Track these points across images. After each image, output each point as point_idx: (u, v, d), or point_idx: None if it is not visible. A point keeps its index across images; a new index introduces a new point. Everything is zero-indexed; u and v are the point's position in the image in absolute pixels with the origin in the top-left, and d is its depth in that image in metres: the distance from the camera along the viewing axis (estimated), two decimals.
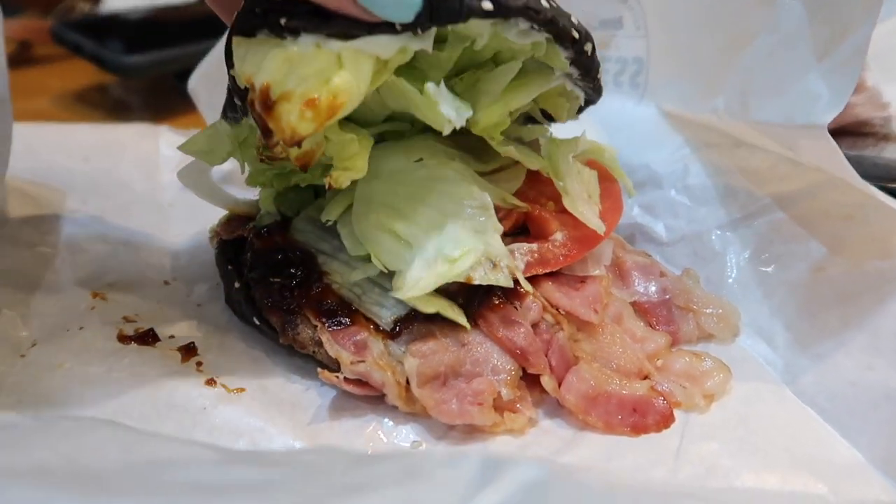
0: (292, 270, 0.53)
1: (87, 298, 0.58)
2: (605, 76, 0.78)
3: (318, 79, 0.42)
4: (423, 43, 0.44)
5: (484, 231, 0.49)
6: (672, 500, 0.43)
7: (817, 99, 0.47)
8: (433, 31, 0.44)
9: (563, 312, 0.53)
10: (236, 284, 0.55)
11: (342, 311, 0.51)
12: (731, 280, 0.61)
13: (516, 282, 0.51)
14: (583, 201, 0.56)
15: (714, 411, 0.51)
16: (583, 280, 0.55)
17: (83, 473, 0.25)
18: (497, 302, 0.51)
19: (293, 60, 0.42)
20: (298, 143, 0.43)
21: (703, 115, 0.63)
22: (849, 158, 0.75)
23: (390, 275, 0.52)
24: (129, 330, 0.54)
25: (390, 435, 0.49)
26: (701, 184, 0.65)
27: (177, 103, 0.93)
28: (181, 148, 0.55)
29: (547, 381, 0.50)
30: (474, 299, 0.51)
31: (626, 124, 0.74)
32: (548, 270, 0.54)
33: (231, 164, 0.59)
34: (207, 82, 0.80)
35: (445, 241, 0.48)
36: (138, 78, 1.12)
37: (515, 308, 0.52)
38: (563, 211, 0.56)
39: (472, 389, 0.48)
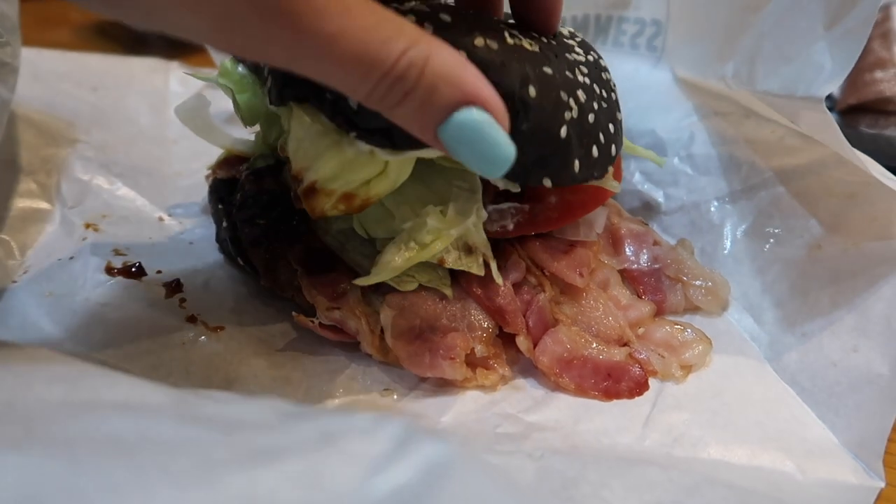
0: (279, 214, 0.53)
1: (81, 229, 0.58)
2: (622, 37, 0.76)
3: (361, 180, 0.45)
4: None
5: (467, 214, 0.49)
6: (633, 466, 0.43)
7: (820, 70, 0.45)
8: None
9: (547, 274, 0.53)
10: (224, 223, 0.56)
11: (324, 258, 0.51)
12: (725, 252, 0.59)
13: (498, 244, 0.50)
14: None
15: (690, 382, 0.51)
16: (572, 244, 0.55)
17: (15, 415, 0.26)
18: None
19: (345, 165, 0.45)
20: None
21: (713, 81, 0.61)
22: (866, 136, 0.73)
23: None
24: (118, 263, 0.55)
25: (363, 381, 0.49)
26: (705, 153, 0.63)
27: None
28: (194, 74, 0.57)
29: (522, 342, 0.49)
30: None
31: (637, 88, 0.72)
32: (538, 231, 0.54)
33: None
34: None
35: (421, 224, 0.47)
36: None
37: (498, 267, 0.51)
38: None
39: (446, 344, 0.48)
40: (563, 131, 0.46)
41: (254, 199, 0.55)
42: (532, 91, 0.44)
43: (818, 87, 0.45)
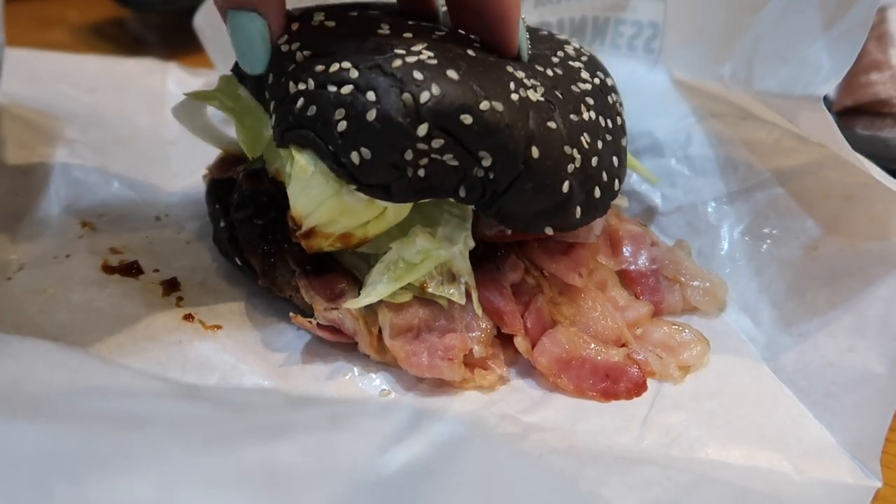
0: (277, 214, 0.53)
1: (77, 227, 0.58)
2: (620, 39, 0.76)
3: (360, 222, 0.46)
4: None
5: (454, 241, 0.49)
6: (631, 465, 0.43)
7: (818, 70, 0.46)
8: None
9: (546, 275, 0.53)
10: (222, 223, 0.56)
11: (322, 258, 0.51)
12: (722, 253, 0.60)
13: (492, 247, 0.50)
14: None
15: (688, 382, 0.51)
16: (571, 245, 0.55)
17: (20, 394, 0.26)
18: (478, 261, 0.51)
19: (344, 211, 0.46)
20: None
21: (711, 83, 0.62)
22: (862, 138, 0.73)
23: None
24: (114, 261, 0.55)
25: (360, 382, 0.49)
26: (702, 154, 0.63)
27: (193, 40, 0.93)
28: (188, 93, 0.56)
29: (520, 343, 0.49)
30: None
31: (635, 90, 0.72)
32: (536, 235, 0.54)
33: None
34: (214, 19, 0.79)
35: (409, 243, 0.48)
36: (152, 13, 1.11)
37: (497, 268, 0.51)
38: None
39: (444, 344, 0.48)
40: (566, 186, 0.47)
41: (251, 200, 0.55)
42: (535, 152, 0.45)
43: (816, 86, 0.46)
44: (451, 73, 0.43)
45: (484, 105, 0.43)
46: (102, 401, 0.26)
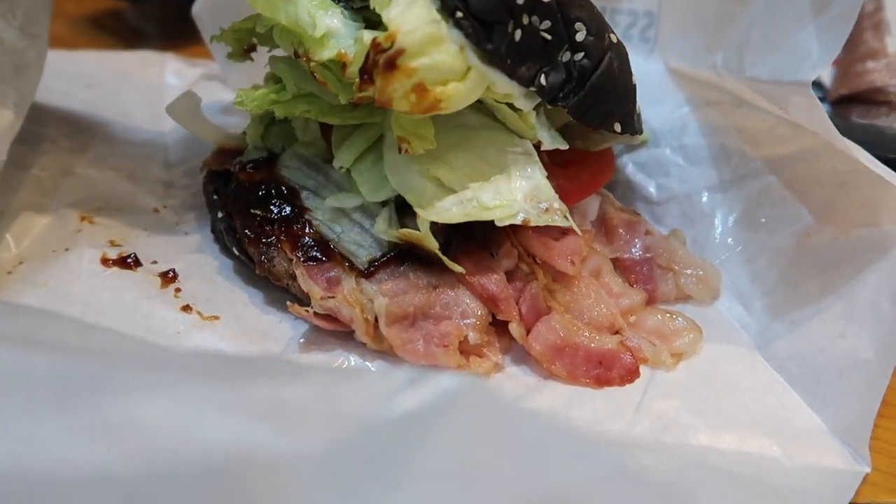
0: (274, 204, 0.54)
1: (76, 221, 0.59)
2: (616, 29, 0.76)
3: (441, 75, 0.44)
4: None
5: (531, 176, 0.50)
6: (624, 451, 0.43)
7: (808, 56, 0.46)
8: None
9: (539, 262, 0.53)
10: (219, 214, 0.56)
11: (319, 247, 0.51)
12: (716, 242, 0.60)
13: (493, 231, 0.51)
14: None
15: (681, 370, 0.51)
16: (564, 232, 0.55)
17: (37, 341, 0.27)
18: (474, 247, 0.51)
19: (437, 44, 0.44)
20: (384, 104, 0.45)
21: (703, 71, 0.62)
22: (858, 127, 0.73)
23: (371, 215, 0.52)
24: (113, 254, 0.56)
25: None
26: (696, 143, 0.64)
27: (191, 30, 0.93)
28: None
29: (515, 329, 0.50)
30: (452, 242, 0.51)
31: None
32: None
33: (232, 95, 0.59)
34: (213, 8, 0.79)
35: (486, 188, 0.48)
36: (150, 3, 1.11)
37: (491, 255, 0.52)
38: (559, 164, 0.56)
39: (440, 331, 0.48)
40: (634, 79, 0.51)
41: (248, 190, 0.55)
42: (614, 38, 0.51)
43: (805, 72, 0.46)
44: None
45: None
46: (117, 347, 0.27)
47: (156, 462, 0.21)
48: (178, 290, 0.54)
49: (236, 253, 0.55)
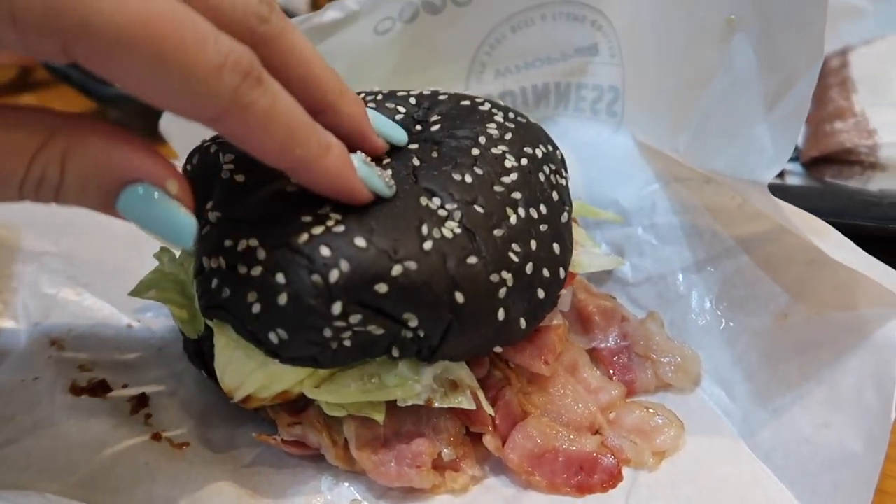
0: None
1: (46, 347, 0.58)
2: (583, 103, 0.77)
3: (292, 383, 0.47)
4: None
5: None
6: None
7: (762, 152, 0.46)
8: None
9: (513, 366, 0.52)
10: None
11: None
12: (694, 324, 0.59)
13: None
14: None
15: (664, 469, 0.50)
16: (536, 331, 0.54)
17: None
18: None
19: (273, 378, 0.46)
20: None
21: (668, 151, 0.62)
22: (831, 191, 0.73)
23: None
24: (83, 381, 0.55)
25: (331, 492, 0.48)
26: (667, 222, 0.63)
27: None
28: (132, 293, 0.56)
29: (490, 441, 0.49)
30: None
31: (599, 154, 0.72)
32: None
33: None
34: (179, 122, 0.80)
35: (392, 368, 0.47)
36: (124, 108, 1.12)
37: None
38: None
39: (412, 451, 0.47)
40: (501, 313, 0.46)
41: None
42: (460, 297, 0.44)
43: (761, 171, 0.45)
44: (359, 241, 0.42)
45: (396, 270, 0.42)
46: None
47: None
48: (148, 416, 0.53)
49: (205, 375, 0.54)
